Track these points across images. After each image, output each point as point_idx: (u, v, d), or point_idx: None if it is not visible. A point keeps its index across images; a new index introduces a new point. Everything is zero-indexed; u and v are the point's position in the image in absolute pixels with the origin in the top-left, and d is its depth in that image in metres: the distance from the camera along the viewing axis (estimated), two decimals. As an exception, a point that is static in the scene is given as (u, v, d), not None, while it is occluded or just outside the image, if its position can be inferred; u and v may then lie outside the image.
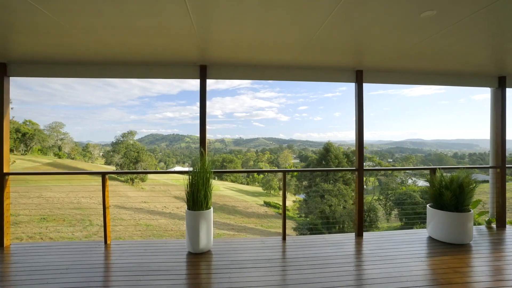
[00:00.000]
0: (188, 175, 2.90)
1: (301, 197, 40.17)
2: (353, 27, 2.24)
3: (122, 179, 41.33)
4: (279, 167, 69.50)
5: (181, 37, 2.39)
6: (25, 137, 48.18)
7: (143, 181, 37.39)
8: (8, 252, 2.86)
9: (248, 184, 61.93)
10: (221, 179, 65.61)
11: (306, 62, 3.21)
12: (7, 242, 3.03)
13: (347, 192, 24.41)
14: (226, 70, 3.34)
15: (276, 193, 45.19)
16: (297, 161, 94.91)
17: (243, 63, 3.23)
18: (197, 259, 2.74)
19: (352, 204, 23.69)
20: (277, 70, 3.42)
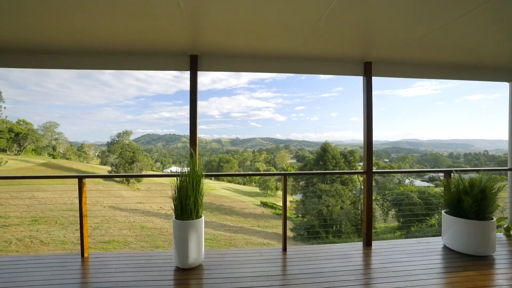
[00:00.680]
0: (176, 179, 2.55)
1: (298, 197, 39.94)
2: (363, 9, 1.96)
3: (117, 179, 40.80)
4: (276, 167, 69.25)
5: (166, 18, 2.04)
6: (18, 137, 47.41)
7: (138, 181, 37.01)
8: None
9: (245, 184, 61.61)
10: (218, 179, 65.16)
11: (310, 52, 2.87)
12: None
13: (344, 192, 24.26)
14: (220, 61, 2.98)
15: (273, 193, 44.90)
16: (294, 161, 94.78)
17: (239, 52, 2.87)
18: (185, 276, 2.38)
19: (349, 204, 23.50)
20: (278, 61, 3.07)
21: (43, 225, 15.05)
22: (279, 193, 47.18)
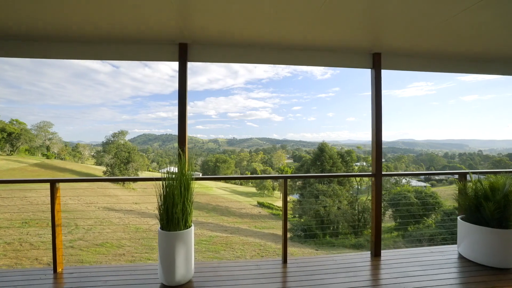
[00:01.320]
0: (162, 183, 2.23)
1: (295, 197, 39.73)
2: None
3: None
4: (273, 168, 68.99)
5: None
6: (11, 137, 46.60)
7: (134, 182, 36.45)
8: None
9: (241, 184, 61.29)
10: (214, 179, 64.59)
11: (313, 41, 2.57)
12: None
13: (341, 192, 24.12)
14: (212, 50, 2.66)
15: (270, 193, 44.67)
16: (290, 161, 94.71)
17: (233, 41, 2.55)
18: (172, 296, 2.07)
19: (346, 205, 23.32)
20: (277, 51, 2.75)
21: (34, 227, 14.62)
22: (276, 193, 46.92)
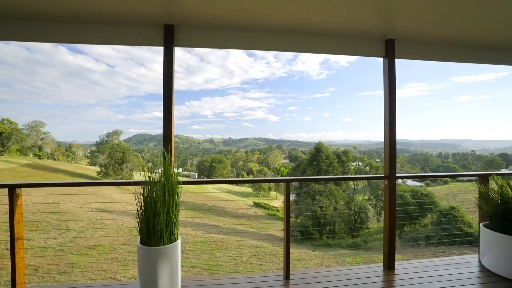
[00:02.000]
0: (142, 189, 1.89)
1: (291, 198, 39.51)
2: None
3: (106, 180, 39.63)
4: (269, 168, 68.70)
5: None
6: (1, 136, 45.61)
7: (128, 182, 36.00)
8: None
9: (237, 184, 60.97)
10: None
11: (318, 24, 2.25)
12: None
13: (338, 193, 23.95)
14: (203, 33, 2.29)
15: (266, 193, 44.40)
16: (286, 161, 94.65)
17: (227, 23, 2.21)
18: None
19: (343, 205, 23.14)
20: (277, 36, 2.41)
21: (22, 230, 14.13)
22: (272, 193, 46.66)
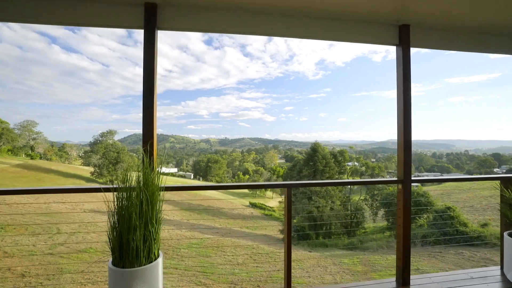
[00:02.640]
0: (114, 196, 1.63)
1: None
2: None
3: (101, 180, 39.10)
4: (265, 168, 68.57)
5: None
6: (-9, 136, 44.76)
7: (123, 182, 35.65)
8: None
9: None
10: (206, 179, 63.96)
11: (323, 6, 2.03)
12: None
13: (334, 193, 23.88)
14: (192, 14, 2.02)
15: (262, 193, 44.26)
16: (282, 161, 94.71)
17: (221, 2, 1.96)
18: None
19: (339, 205, 23.07)
20: (276, 19, 2.14)
21: (10, 232, 13.72)
22: (268, 193, 46.51)
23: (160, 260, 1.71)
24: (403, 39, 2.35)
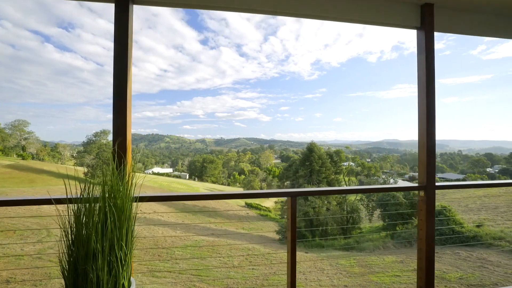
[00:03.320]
0: (68, 211, 1.31)
1: (283, 198, 39.27)
2: None
3: (92, 181, 38.43)
4: (260, 168, 68.40)
5: None
6: (-19, 136, 43.86)
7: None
8: None
9: (229, 184, 60.51)
10: (201, 180, 63.55)
11: None
12: None
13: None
14: None
15: (258, 194, 44.03)
16: (278, 161, 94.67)
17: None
18: None
19: (336, 205, 23.01)
20: None
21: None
22: (264, 194, 46.26)
23: None
24: (426, 21, 2.02)
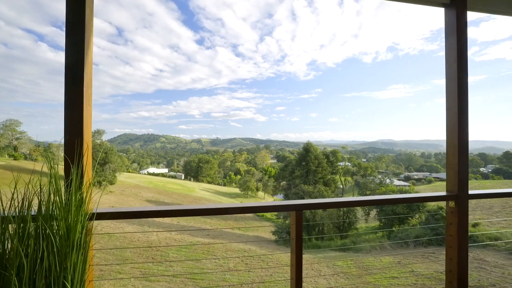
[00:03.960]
0: None
1: (279, 198, 39.16)
2: None
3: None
4: (256, 168, 68.12)
5: None
6: (-29, 136, 42.86)
7: (111, 183, 34.84)
8: None
9: (225, 185, 60.17)
10: (197, 180, 63.08)
11: None
12: None
13: (327, 193, 23.72)
14: None
15: (254, 194, 43.87)
16: (274, 161, 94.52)
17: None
18: None
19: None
20: None
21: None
22: (260, 194, 46.09)
23: None
24: None
